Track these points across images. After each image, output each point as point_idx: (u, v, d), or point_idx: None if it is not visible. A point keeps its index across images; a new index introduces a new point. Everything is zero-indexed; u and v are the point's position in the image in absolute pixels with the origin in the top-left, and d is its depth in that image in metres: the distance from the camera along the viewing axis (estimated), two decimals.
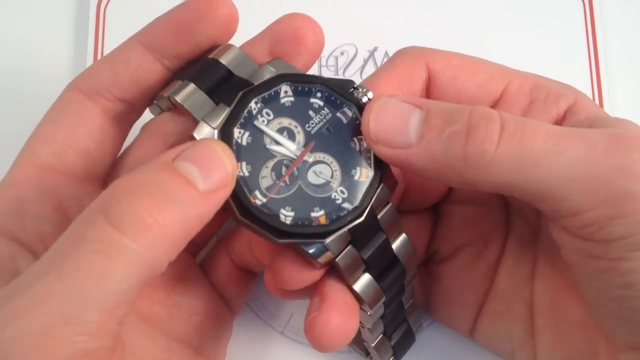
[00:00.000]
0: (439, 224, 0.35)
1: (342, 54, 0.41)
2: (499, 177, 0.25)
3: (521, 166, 0.25)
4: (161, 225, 0.22)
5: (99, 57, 0.41)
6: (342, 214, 0.26)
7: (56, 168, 0.28)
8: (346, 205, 0.26)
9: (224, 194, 0.24)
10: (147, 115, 0.31)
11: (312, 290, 0.28)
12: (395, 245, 0.28)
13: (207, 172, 0.24)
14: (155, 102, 0.30)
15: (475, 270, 0.33)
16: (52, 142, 0.28)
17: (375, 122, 0.27)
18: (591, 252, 0.26)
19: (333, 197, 0.26)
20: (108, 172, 0.30)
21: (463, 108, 0.26)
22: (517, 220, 0.33)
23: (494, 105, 0.30)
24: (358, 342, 0.34)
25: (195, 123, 0.26)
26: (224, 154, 0.24)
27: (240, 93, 0.27)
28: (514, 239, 0.33)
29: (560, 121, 0.30)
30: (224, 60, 0.28)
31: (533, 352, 0.31)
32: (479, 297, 0.33)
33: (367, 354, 0.35)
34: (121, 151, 0.31)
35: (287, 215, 0.26)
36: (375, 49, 0.41)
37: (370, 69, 0.41)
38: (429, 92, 0.30)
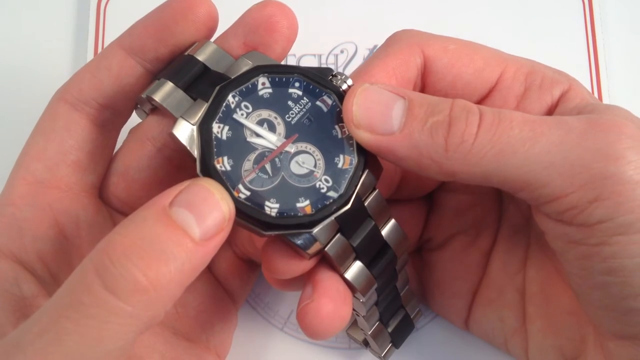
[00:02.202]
0: (432, 212, 0.35)
1: (342, 52, 0.41)
2: (477, 167, 0.25)
3: (499, 154, 0.25)
4: (156, 286, 0.22)
5: None
6: (327, 203, 0.26)
7: (50, 183, 0.29)
8: (331, 193, 0.26)
9: (220, 239, 0.24)
10: (135, 118, 0.31)
11: (305, 279, 0.28)
12: (384, 231, 0.28)
13: (203, 218, 0.23)
14: (138, 106, 0.30)
15: (469, 258, 0.33)
16: (44, 158, 0.29)
17: (358, 107, 0.26)
18: (573, 237, 0.26)
19: (318, 186, 0.26)
20: (101, 181, 0.31)
21: (445, 100, 0.26)
22: (510, 208, 0.33)
23: (490, 92, 0.30)
24: (356, 332, 0.34)
25: (174, 121, 0.26)
26: (220, 195, 0.24)
27: (217, 87, 0.27)
28: (506, 227, 0.33)
29: (553, 107, 0.30)
30: (199, 56, 0.28)
31: (525, 340, 0.31)
32: (472, 285, 0.33)
33: (366, 344, 0.34)
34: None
35: (272, 207, 0.25)
36: (375, 47, 0.41)
37: None
38: (424, 78, 0.30)
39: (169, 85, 0.27)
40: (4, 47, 0.43)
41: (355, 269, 0.28)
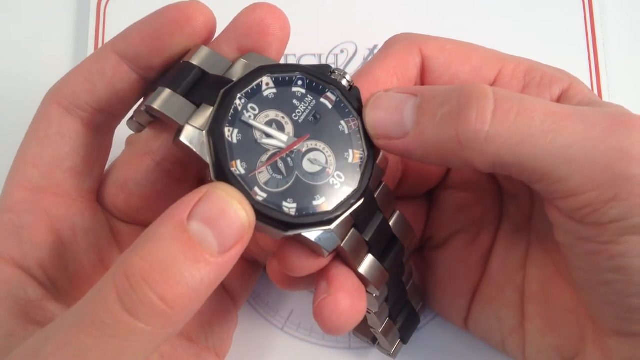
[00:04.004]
0: (432, 210, 0.35)
1: (342, 52, 0.41)
2: (494, 157, 0.25)
3: (518, 145, 0.24)
4: (174, 307, 0.23)
5: None
6: (343, 198, 0.26)
7: (47, 189, 0.29)
8: (345, 189, 0.26)
9: (240, 248, 0.24)
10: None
11: (318, 276, 0.28)
12: (392, 223, 0.29)
13: (221, 232, 0.23)
14: (134, 118, 0.29)
15: (469, 256, 0.33)
16: (40, 164, 0.29)
17: (371, 118, 0.27)
18: (583, 234, 0.26)
19: (331, 182, 0.26)
20: (99, 184, 0.31)
21: (455, 88, 0.26)
22: (511, 206, 0.33)
23: None
24: (364, 330, 0.34)
25: (177, 128, 0.26)
26: (239, 204, 0.24)
27: (222, 91, 0.26)
28: (507, 225, 0.33)
29: None
30: (195, 61, 0.27)
31: (522, 339, 0.31)
32: (472, 284, 0.33)
33: (374, 341, 0.35)
34: (109, 160, 0.31)
35: (290, 207, 0.26)
36: (375, 47, 0.41)
37: None
38: (423, 77, 0.31)
39: (168, 93, 0.27)
40: (4, 47, 0.43)
41: (368, 262, 0.28)
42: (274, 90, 0.27)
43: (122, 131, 0.31)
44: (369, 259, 0.28)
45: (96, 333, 0.22)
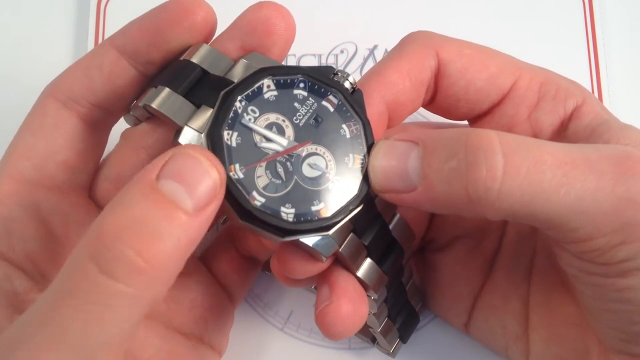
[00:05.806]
0: (435, 214, 0.34)
1: (342, 52, 0.41)
2: (506, 211, 0.24)
3: (530, 200, 0.24)
4: (154, 265, 0.22)
5: None
6: (342, 204, 0.26)
7: (39, 182, 0.28)
8: (345, 194, 0.26)
9: (215, 206, 0.23)
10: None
11: (319, 280, 0.28)
12: (392, 227, 0.28)
13: (193, 188, 0.23)
14: (131, 112, 0.29)
15: (471, 262, 0.33)
16: (32, 156, 0.28)
17: (375, 173, 0.26)
18: (590, 270, 0.26)
19: (331, 188, 0.26)
20: (92, 180, 0.30)
21: (459, 137, 0.25)
22: None
23: (502, 100, 0.30)
24: (363, 330, 0.34)
25: (176, 129, 0.25)
26: (208, 161, 0.23)
27: (222, 93, 0.26)
28: (512, 232, 0.32)
29: (566, 121, 0.30)
30: (196, 59, 0.27)
31: (526, 347, 0.31)
32: (474, 289, 0.33)
33: (374, 340, 0.35)
34: (103, 156, 0.31)
35: (288, 213, 0.25)
36: (375, 47, 0.41)
37: (370, 67, 0.40)
38: (437, 81, 0.30)
39: (168, 92, 0.26)
40: (3, 46, 0.43)
41: (366, 266, 0.28)
42: (275, 93, 0.27)
43: (118, 126, 0.31)
44: (367, 262, 0.28)
45: (75, 302, 0.21)
